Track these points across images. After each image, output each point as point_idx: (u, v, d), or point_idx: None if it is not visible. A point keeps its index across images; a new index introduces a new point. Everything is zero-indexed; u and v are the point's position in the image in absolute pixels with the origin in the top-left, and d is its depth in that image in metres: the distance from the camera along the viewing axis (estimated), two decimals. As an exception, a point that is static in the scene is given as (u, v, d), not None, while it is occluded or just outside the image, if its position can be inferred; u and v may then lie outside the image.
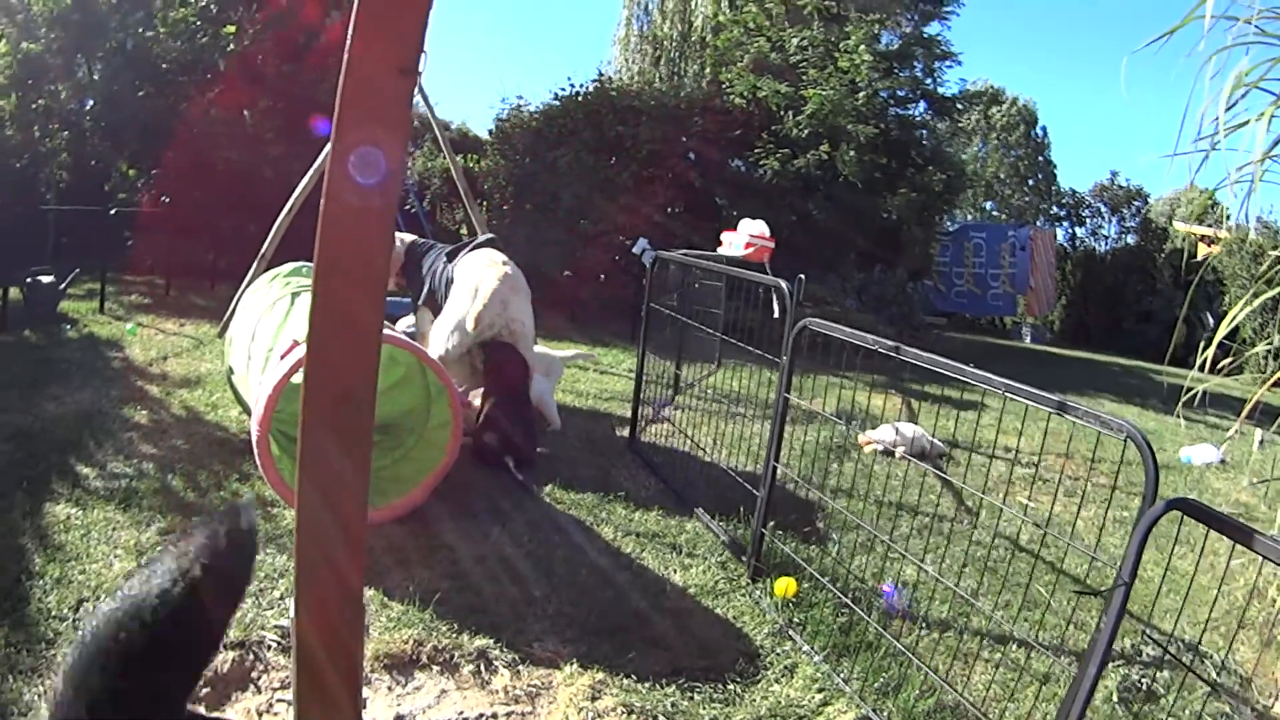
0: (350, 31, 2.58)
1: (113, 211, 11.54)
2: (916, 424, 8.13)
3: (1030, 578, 5.04)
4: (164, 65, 13.64)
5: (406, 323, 7.44)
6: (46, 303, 9.57)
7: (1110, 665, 4.09)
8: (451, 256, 6.64)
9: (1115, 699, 3.91)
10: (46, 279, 9.56)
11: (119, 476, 5.16)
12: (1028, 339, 25.52)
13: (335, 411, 2.80)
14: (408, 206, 15.59)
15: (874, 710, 3.57)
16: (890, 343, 3.78)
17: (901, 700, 3.64)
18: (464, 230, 15.85)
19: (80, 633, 1.39)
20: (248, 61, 13.48)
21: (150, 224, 12.83)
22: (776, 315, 5.80)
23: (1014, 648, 4.18)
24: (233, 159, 12.75)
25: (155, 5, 13.86)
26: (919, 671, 3.74)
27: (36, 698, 3.14)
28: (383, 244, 2.75)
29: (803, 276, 4.70)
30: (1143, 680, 4.03)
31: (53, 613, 3.67)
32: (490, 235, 6.84)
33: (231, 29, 13.63)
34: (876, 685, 3.74)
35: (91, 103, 13.89)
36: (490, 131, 17.97)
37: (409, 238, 7.15)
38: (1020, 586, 4.93)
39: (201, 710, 3.12)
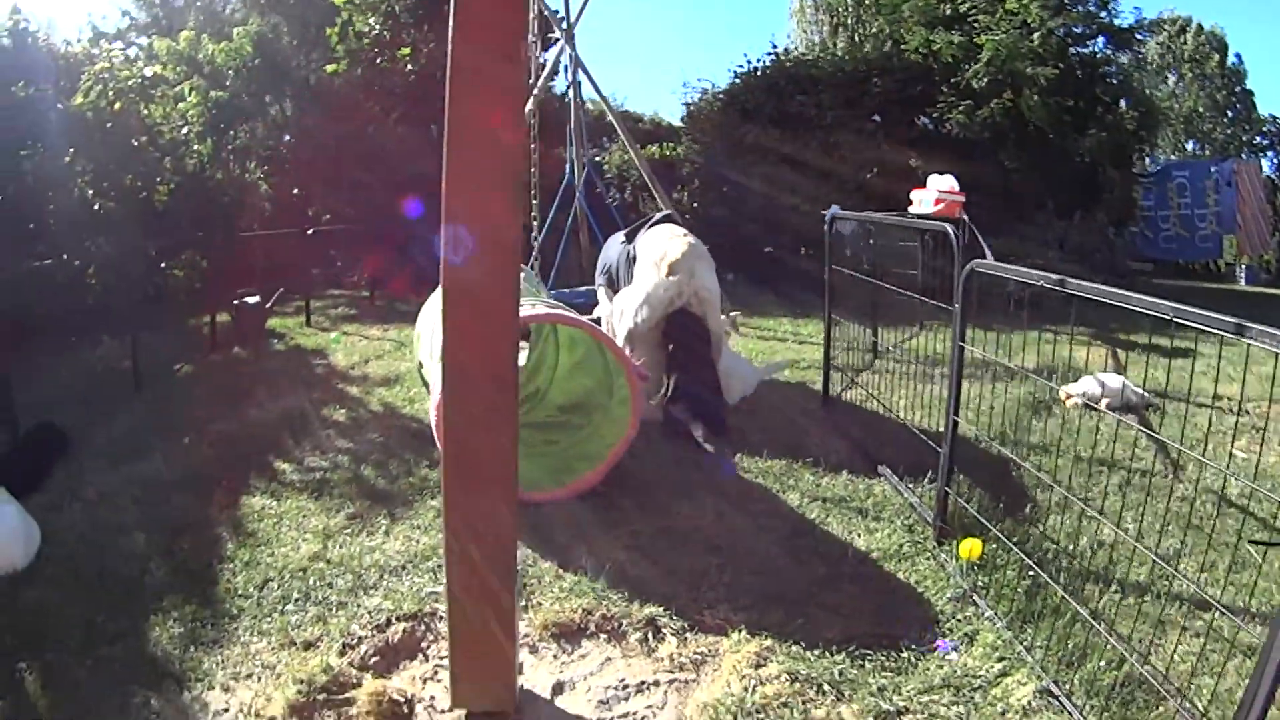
0: (451, 21, 2.61)
1: (310, 232, 12.08)
2: (1123, 375, 7.69)
3: (1239, 536, 4.59)
4: (349, 91, 14.26)
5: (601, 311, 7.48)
6: (254, 322, 10.14)
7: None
8: (631, 236, 6.67)
9: None
10: (252, 300, 10.11)
11: (314, 469, 5.48)
12: (1243, 281, 23.71)
13: (478, 391, 2.83)
14: (609, 199, 15.73)
15: (1055, 681, 3.32)
16: (1055, 276, 3.55)
17: (1086, 671, 3.38)
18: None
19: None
20: (425, 78, 13.89)
21: (349, 240, 13.40)
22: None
23: (1217, 615, 3.69)
24: (423, 171, 13.18)
25: (331, 41, 14.51)
26: (1106, 640, 3.46)
27: (214, 667, 3.35)
28: (509, 221, 2.77)
29: (965, 218, 4.46)
30: None
31: (239, 592, 3.94)
32: (667, 211, 6.83)
33: (406, 51, 14.13)
34: (1061, 655, 3.49)
35: (287, 137, 14.60)
36: (682, 119, 18.07)
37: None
38: (1228, 547, 4.50)
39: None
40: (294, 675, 3.25)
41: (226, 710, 3.11)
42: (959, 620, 3.79)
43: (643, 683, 3.35)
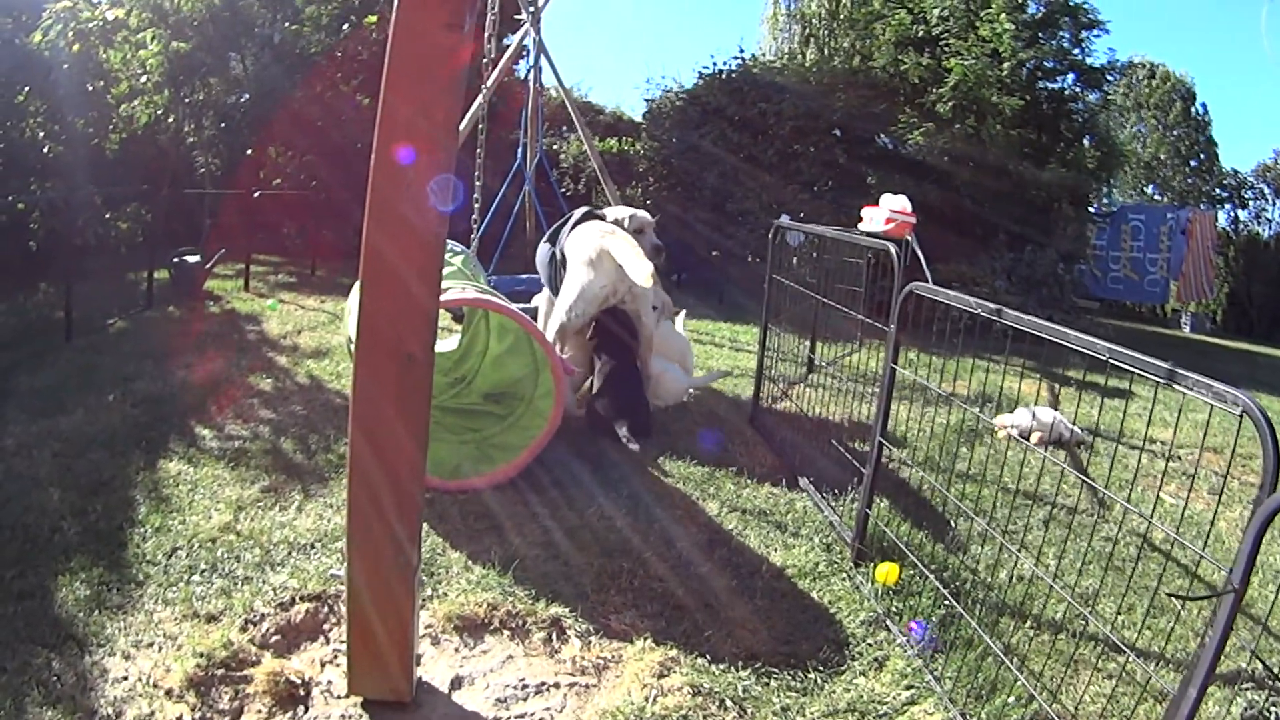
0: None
1: (255, 194, 11.91)
2: (1057, 410, 7.75)
3: (1160, 581, 4.62)
4: (312, 56, 14.05)
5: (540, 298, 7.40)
6: (192, 281, 9.98)
7: (1238, 687, 3.71)
8: (553, 238, 6.61)
9: None
10: (192, 259, 9.97)
11: (233, 438, 5.39)
12: (1187, 328, 24.11)
13: (390, 367, 2.77)
14: (560, 189, 15.68)
15: (963, 713, 3.31)
16: (993, 306, 3.53)
17: (995, 706, 3.36)
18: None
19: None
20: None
21: (296, 206, 13.23)
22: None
23: (1132, 659, 3.80)
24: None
25: (298, 2, 14.31)
26: (1016, 676, 3.43)
27: (117, 633, 3.28)
28: (433, 200, 2.70)
29: (910, 240, 4.45)
30: (1273, 709, 3.56)
31: (147, 558, 3.85)
32: (587, 208, 6.76)
33: (373, 19, 13.97)
34: (970, 687, 3.46)
35: (246, 96, 14.38)
36: (643, 115, 18.11)
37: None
38: (1148, 590, 4.53)
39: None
40: (194, 648, 3.18)
41: (125, 679, 3.03)
42: (869, 644, 3.76)
43: (543, 684, 3.29)
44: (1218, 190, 29.85)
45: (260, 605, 3.57)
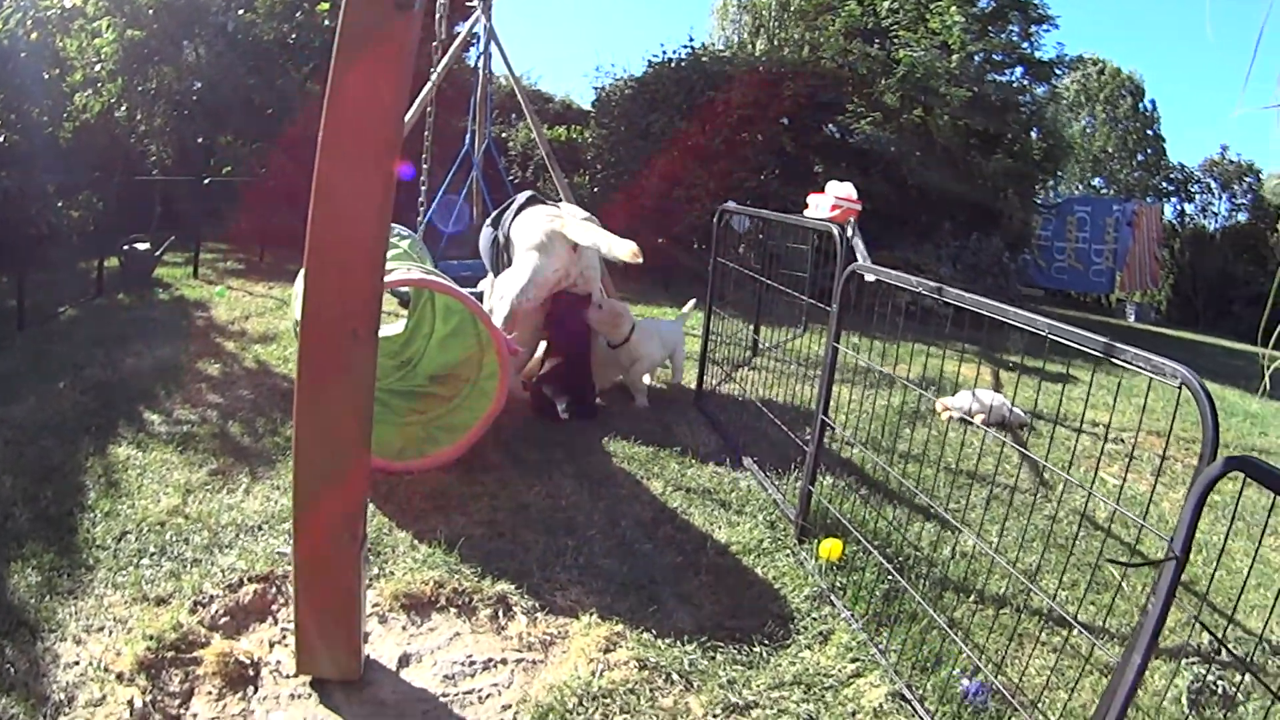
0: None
1: (206, 182, 11.82)
2: (1000, 392, 7.87)
3: (1099, 556, 4.76)
4: (265, 44, 13.94)
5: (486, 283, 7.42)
6: (141, 269, 9.89)
7: (1183, 662, 3.82)
8: (496, 222, 6.62)
9: (1185, 701, 3.58)
10: (142, 246, 9.89)
11: (182, 423, 5.38)
12: (1131, 318, 24.43)
13: (334, 344, 2.79)
14: (509, 177, 15.67)
15: (909, 685, 3.38)
16: (934, 284, 3.60)
17: (940, 678, 3.44)
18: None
19: None
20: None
21: (246, 194, 13.14)
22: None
23: (1075, 632, 3.83)
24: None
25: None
26: (961, 649, 3.51)
27: (68, 618, 3.28)
28: (380, 177, 2.73)
29: (852, 220, 4.51)
30: (1219, 683, 3.67)
31: (97, 542, 3.84)
32: (530, 193, 6.78)
33: (325, 6, 13.89)
34: (915, 660, 3.54)
35: (199, 84, 14.23)
36: (592, 103, 18.09)
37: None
38: (1090, 566, 4.65)
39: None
40: (144, 630, 3.19)
41: (77, 663, 3.03)
42: (814, 619, 3.82)
43: (490, 660, 3.33)
44: (1164, 184, 30.32)
45: (209, 587, 3.58)
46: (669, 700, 3.17)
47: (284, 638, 3.34)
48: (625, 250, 5.70)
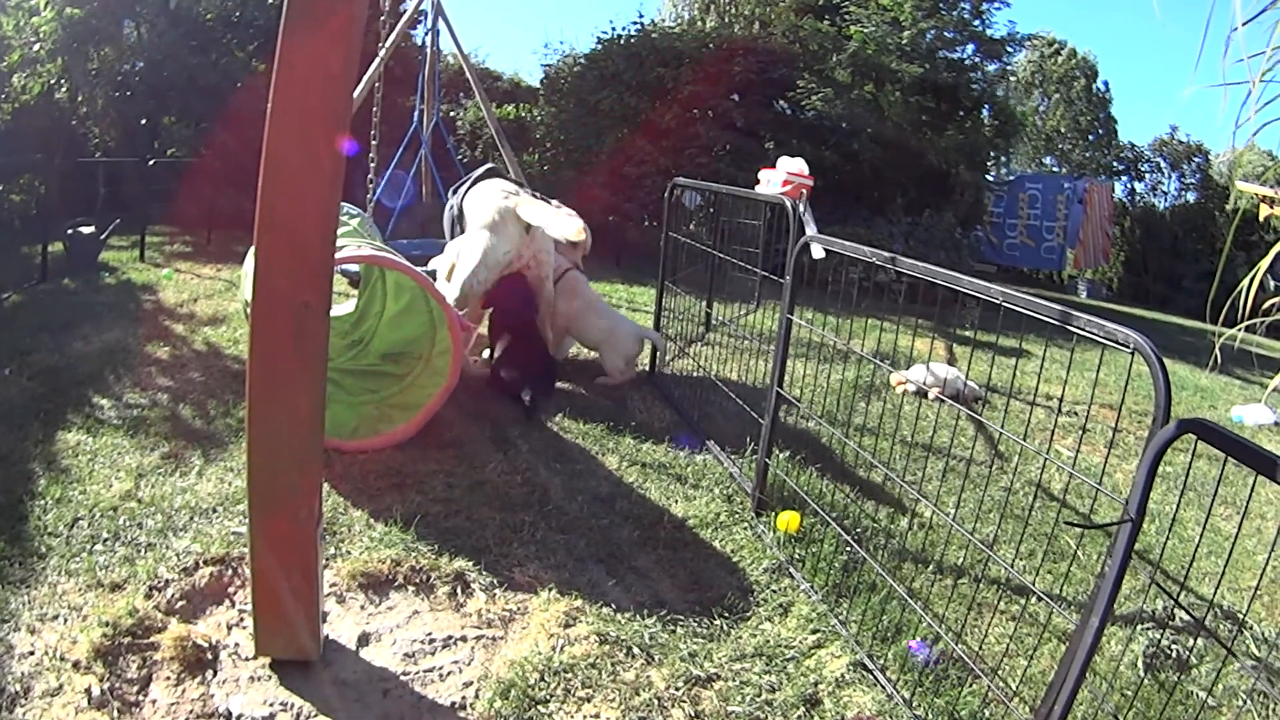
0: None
1: (151, 163, 11.66)
2: (954, 366, 7.95)
3: (1055, 525, 4.85)
4: (207, 21, 13.74)
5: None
6: (87, 253, 9.70)
7: (1139, 627, 3.90)
8: (455, 192, 6.57)
9: (1141, 665, 3.66)
10: (87, 230, 9.71)
11: (132, 406, 5.30)
12: (1083, 294, 24.74)
13: (285, 317, 2.76)
14: (457, 156, 15.63)
15: (870, 655, 3.42)
16: (887, 254, 3.62)
17: (900, 647, 3.48)
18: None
19: None
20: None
21: (191, 175, 12.96)
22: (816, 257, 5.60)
23: (1033, 600, 3.94)
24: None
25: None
26: (921, 618, 3.55)
27: (21, 607, 3.22)
28: (329, 150, 2.70)
29: (804, 194, 4.51)
30: (1174, 647, 3.77)
31: (48, 529, 3.77)
32: (490, 165, 6.73)
33: (269, -17, 13.73)
34: (875, 630, 3.57)
35: (140, 65, 14.01)
36: (540, 81, 18.02)
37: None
38: (1046, 536, 4.74)
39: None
40: (100, 617, 3.14)
41: (31, 653, 2.98)
42: (773, 591, 3.86)
43: (450, 637, 3.32)
44: (1115, 163, 30.65)
45: (164, 571, 3.53)
46: (630, 674, 3.18)
47: (242, 620, 3.31)
48: (570, 229, 5.68)
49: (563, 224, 5.70)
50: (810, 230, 6.01)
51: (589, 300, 6.74)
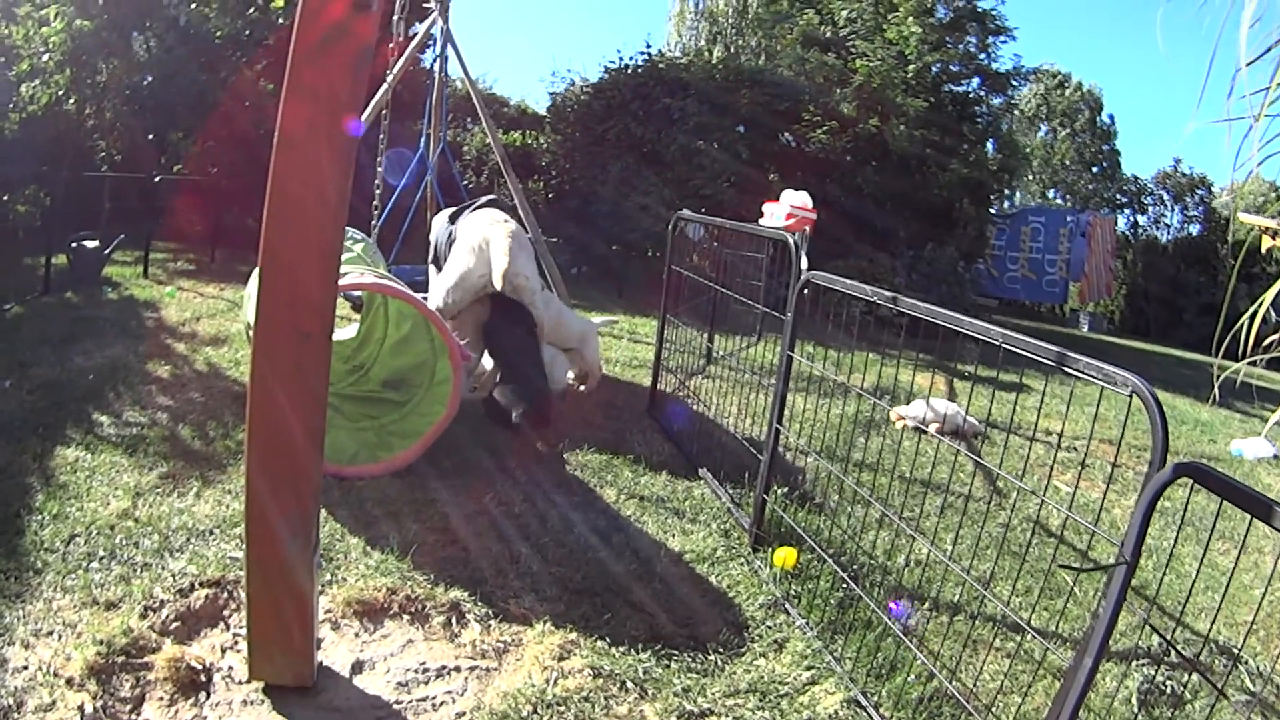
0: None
1: (156, 179, 11.68)
2: (954, 402, 7.95)
3: (1052, 562, 4.83)
4: (217, 39, 13.78)
5: None
6: (90, 267, 9.71)
7: (1133, 664, 3.91)
8: (454, 219, 6.60)
9: (1135, 702, 3.66)
10: (91, 244, 9.72)
11: (131, 424, 5.29)
12: (1085, 327, 24.82)
13: (287, 346, 2.77)
14: (463, 182, 15.67)
15: (864, 692, 3.41)
16: (889, 294, 3.63)
17: (895, 684, 3.48)
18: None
19: None
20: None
21: (197, 192, 12.98)
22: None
23: (1028, 637, 3.91)
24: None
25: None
26: (915, 655, 3.55)
27: (16, 622, 3.21)
28: (337, 177, 2.71)
29: (807, 229, 4.53)
30: (1168, 683, 3.77)
31: (45, 545, 3.77)
32: (492, 196, 6.78)
33: (280, 3, 13.75)
34: (870, 667, 3.57)
35: (149, 79, 14.04)
36: (547, 108, 18.09)
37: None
38: (1043, 573, 4.74)
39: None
40: (94, 635, 3.14)
41: (25, 668, 2.97)
42: (769, 627, 3.86)
43: (443, 667, 3.32)
44: (1119, 196, 30.80)
45: (160, 592, 3.53)
46: (624, 708, 3.17)
47: (236, 643, 3.31)
48: (496, 274, 5.81)
49: (495, 265, 5.80)
50: (803, 263, 6.05)
51: (559, 307, 6.82)
